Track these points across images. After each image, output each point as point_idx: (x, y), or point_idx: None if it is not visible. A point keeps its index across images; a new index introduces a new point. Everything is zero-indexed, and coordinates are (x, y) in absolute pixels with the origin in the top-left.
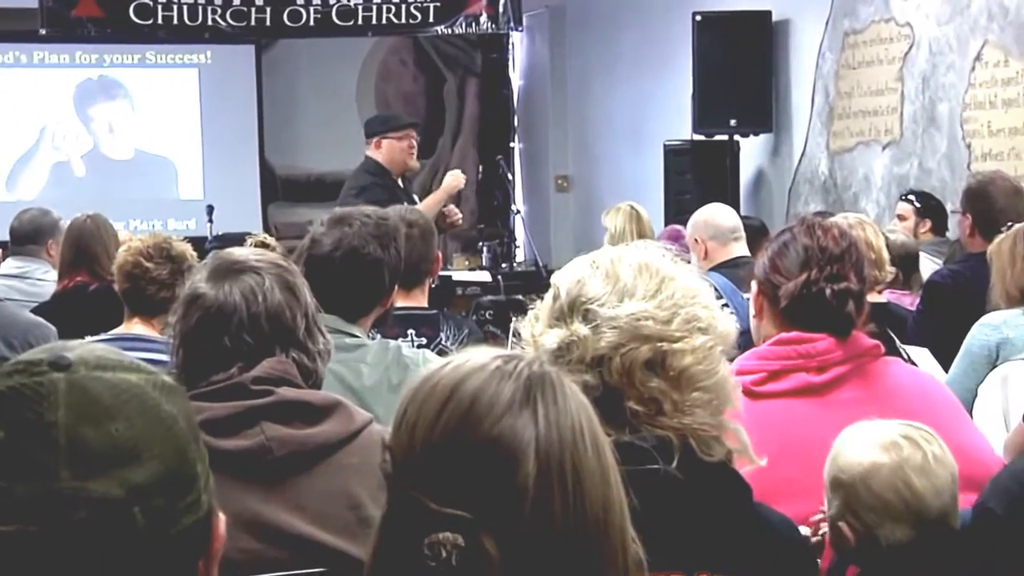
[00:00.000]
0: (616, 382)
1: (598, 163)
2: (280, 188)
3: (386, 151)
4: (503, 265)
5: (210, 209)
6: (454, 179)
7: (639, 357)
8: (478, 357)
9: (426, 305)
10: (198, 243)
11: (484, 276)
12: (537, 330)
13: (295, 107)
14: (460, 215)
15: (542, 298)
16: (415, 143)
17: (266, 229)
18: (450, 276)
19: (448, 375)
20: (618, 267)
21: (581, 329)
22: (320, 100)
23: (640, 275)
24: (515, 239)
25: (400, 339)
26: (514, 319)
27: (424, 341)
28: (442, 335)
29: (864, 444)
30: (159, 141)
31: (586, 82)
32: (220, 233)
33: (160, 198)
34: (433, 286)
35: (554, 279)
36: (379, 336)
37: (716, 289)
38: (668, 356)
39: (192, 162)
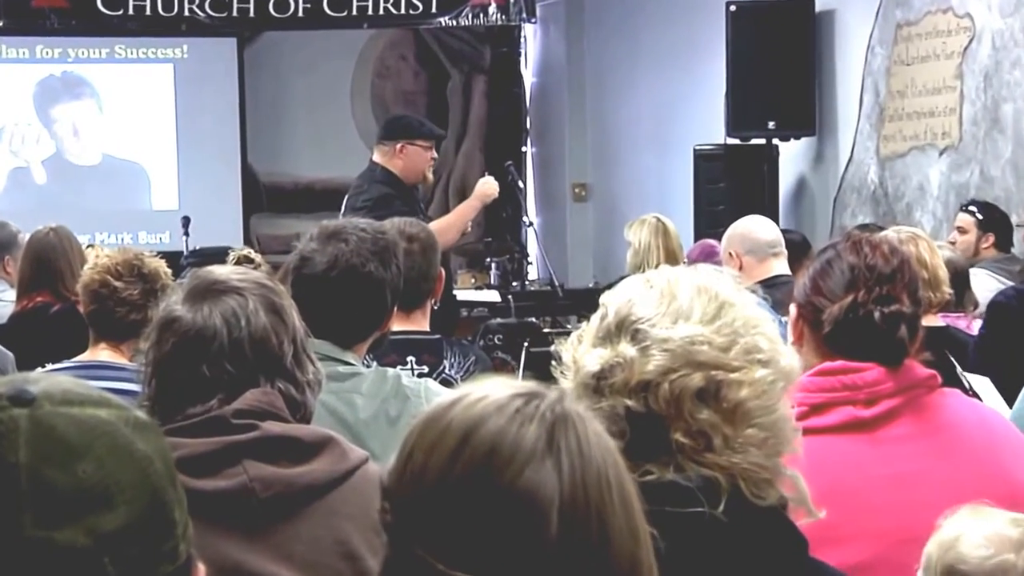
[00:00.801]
0: (662, 410)
1: (620, 170)
2: (264, 197)
3: (408, 159)
4: (514, 284)
5: (186, 221)
6: (487, 187)
7: (690, 385)
8: (494, 394)
9: (427, 329)
10: (173, 259)
11: (492, 296)
12: (580, 352)
13: (281, 107)
14: (468, 226)
15: (587, 319)
16: (435, 156)
17: (248, 242)
18: (454, 296)
19: (462, 416)
20: (675, 287)
21: (628, 350)
22: (309, 100)
23: (698, 297)
24: (527, 254)
25: (399, 367)
26: (527, 343)
27: (426, 369)
28: (446, 363)
29: (990, 538)
30: (129, 145)
31: (607, 80)
32: (197, 248)
33: (130, 208)
34: (435, 308)
35: (603, 298)
36: (375, 364)
37: None
38: (723, 387)
39: (166, 168)
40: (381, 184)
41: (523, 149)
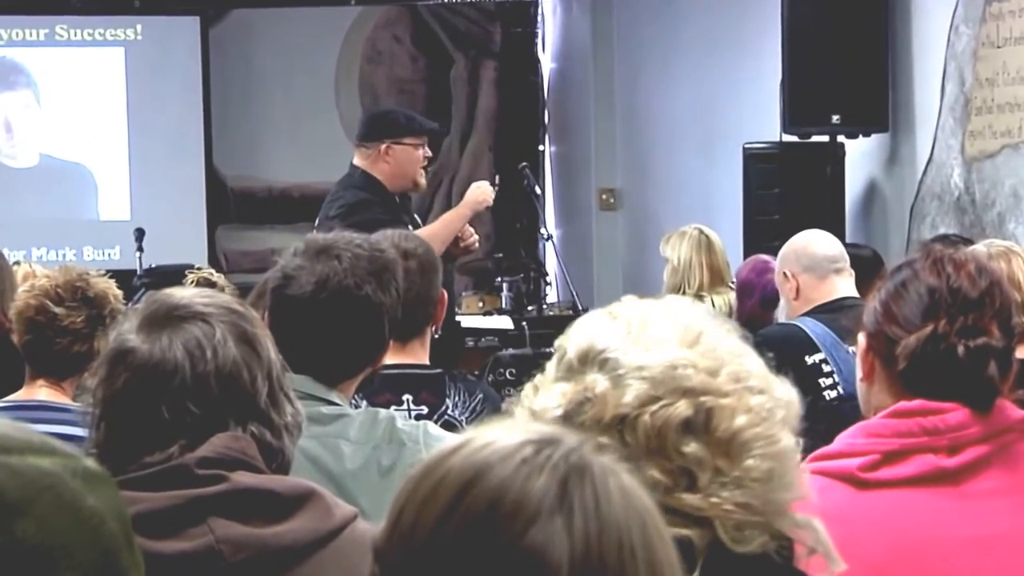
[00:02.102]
0: (640, 447)
1: (656, 173)
2: (232, 206)
3: (395, 162)
4: (529, 308)
5: (139, 233)
6: (480, 192)
7: (676, 415)
8: (502, 440)
9: (427, 362)
10: (124, 279)
11: (504, 322)
12: (537, 403)
13: (253, 99)
14: (476, 238)
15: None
16: (428, 155)
17: (213, 259)
18: (458, 322)
19: (462, 465)
20: (643, 317)
21: (599, 381)
22: (286, 90)
23: (672, 325)
24: (545, 273)
25: (393, 407)
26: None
27: (425, 410)
28: (448, 402)
29: None
30: (72, 143)
31: (640, 66)
32: (153, 265)
33: (73, 218)
34: (436, 336)
35: (558, 341)
36: (365, 404)
37: (812, 339)
38: (715, 414)
39: (116, 171)
40: (358, 189)
41: (540, 148)
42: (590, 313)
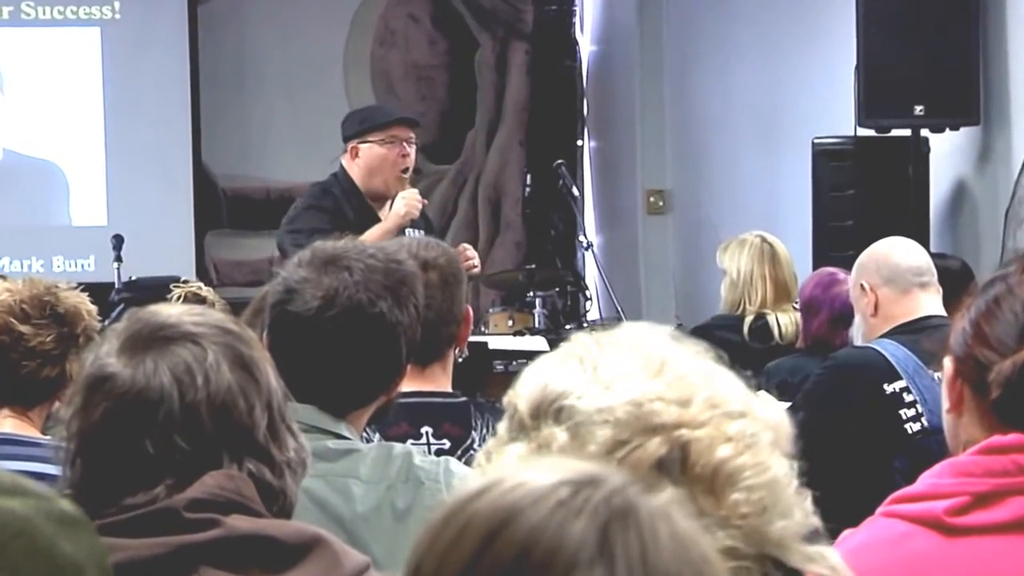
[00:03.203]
0: None
1: (711, 172)
2: (224, 209)
3: (364, 161)
4: (567, 327)
5: (118, 241)
6: (407, 203)
7: (647, 456)
8: (536, 479)
9: (449, 389)
10: (100, 293)
11: (537, 344)
12: (490, 469)
13: (249, 88)
14: (476, 258)
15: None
16: (411, 152)
17: (202, 270)
18: (485, 343)
19: (489, 508)
20: (597, 352)
21: (556, 435)
22: (287, 78)
23: (632, 356)
24: (584, 287)
25: (410, 441)
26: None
27: (447, 444)
28: (474, 435)
29: None
30: (40, 138)
31: (694, 48)
32: (133, 278)
33: (41, 224)
34: (460, 360)
35: (506, 399)
36: (377, 436)
37: (892, 364)
38: (691, 448)
39: (90, 170)
40: (318, 193)
41: (578, 143)
42: (538, 359)
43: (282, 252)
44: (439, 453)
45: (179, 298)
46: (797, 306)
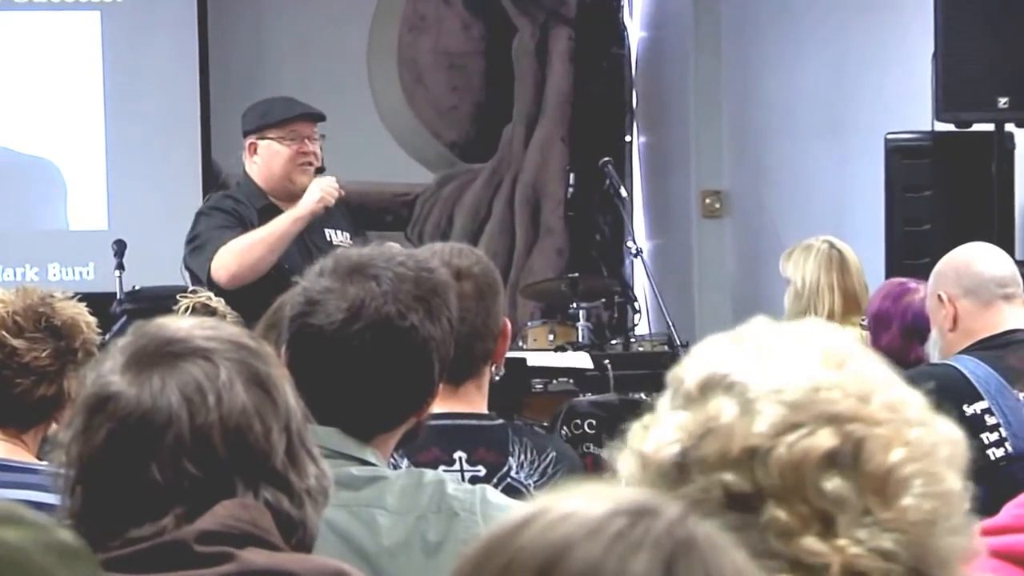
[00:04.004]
0: (773, 485)
1: (773, 171)
2: None
3: (262, 159)
4: (613, 342)
5: (119, 247)
6: (322, 188)
7: (818, 446)
8: (586, 510)
9: (485, 411)
10: (100, 304)
11: (581, 360)
12: (648, 443)
13: (263, 78)
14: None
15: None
16: (314, 151)
17: (211, 279)
18: (523, 360)
19: (534, 542)
20: (774, 340)
21: (724, 407)
22: (305, 66)
23: (810, 348)
24: (633, 298)
25: (442, 467)
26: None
27: (482, 471)
28: (511, 461)
29: None
30: (35, 133)
31: (755, 35)
32: (137, 287)
33: (36, 228)
34: (496, 378)
35: (671, 374)
36: (406, 463)
37: (972, 383)
38: (866, 445)
39: (90, 168)
40: (220, 199)
41: (626, 139)
42: (708, 339)
43: (192, 275)
44: (473, 481)
45: (187, 309)
46: (864, 323)
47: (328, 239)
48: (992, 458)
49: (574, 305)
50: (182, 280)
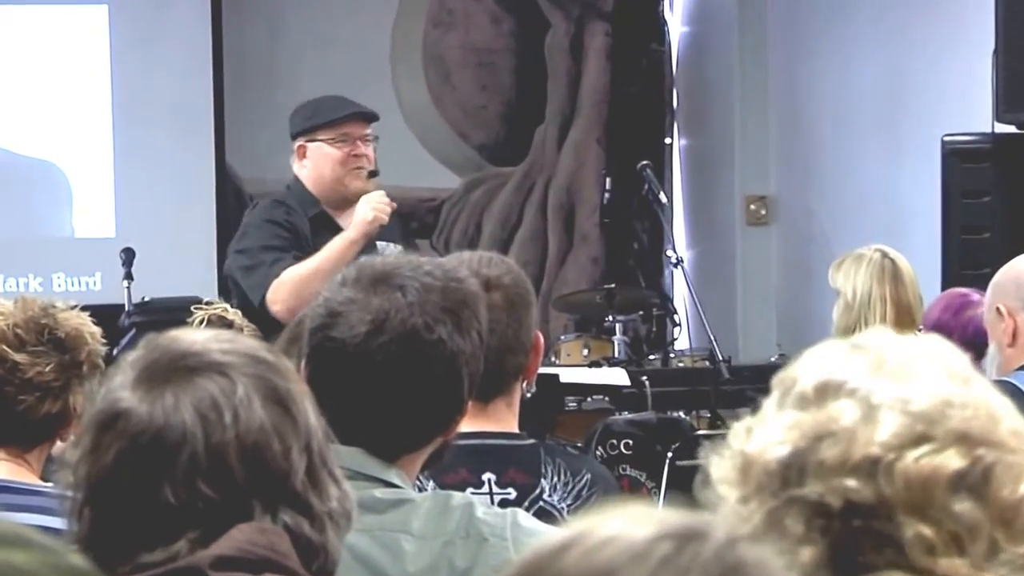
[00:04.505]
0: (899, 498)
1: (822, 176)
2: None
3: (312, 163)
4: (651, 357)
5: (128, 255)
6: (373, 207)
7: (945, 465)
8: (626, 533)
9: (515, 430)
10: (107, 316)
11: (617, 376)
12: (753, 443)
13: (280, 76)
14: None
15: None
16: (367, 153)
17: (224, 290)
18: (556, 376)
19: (576, 567)
20: (895, 349)
21: (846, 410)
22: (326, 65)
23: (934, 363)
24: (673, 310)
25: (470, 490)
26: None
27: (512, 494)
28: (544, 483)
29: None
30: (39, 135)
31: (804, 32)
32: (146, 299)
33: (39, 235)
34: (528, 395)
35: (779, 377)
36: (432, 484)
37: None
38: (996, 472)
39: (97, 172)
40: (271, 205)
41: (666, 142)
42: (820, 346)
43: (232, 282)
44: (503, 504)
45: (202, 322)
46: (922, 332)
47: (381, 252)
48: None
49: (610, 318)
50: (194, 291)
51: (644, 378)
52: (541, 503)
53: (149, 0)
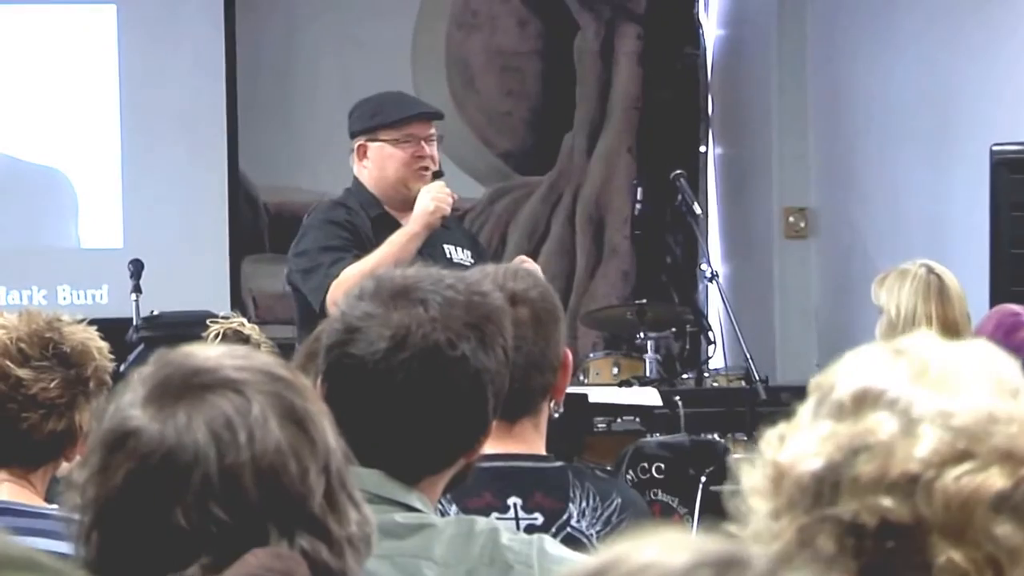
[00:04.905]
0: (938, 519)
1: (864, 186)
2: (266, 229)
3: (373, 164)
4: (684, 376)
5: (136, 267)
6: (434, 197)
7: (988, 485)
8: (661, 560)
9: (542, 452)
10: (115, 330)
11: (649, 397)
12: (786, 452)
13: (296, 81)
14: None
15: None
16: (432, 154)
17: (238, 302)
18: (584, 396)
19: None
20: (939, 356)
21: (883, 422)
22: (343, 68)
23: (977, 371)
24: (707, 327)
25: (495, 515)
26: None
27: (539, 519)
28: (572, 508)
29: None
30: (44, 140)
31: (845, 36)
32: (155, 312)
33: (44, 245)
34: (556, 415)
35: (817, 380)
36: (455, 509)
37: None
38: None
39: (104, 179)
40: (333, 207)
41: (701, 150)
42: (860, 350)
43: (292, 286)
44: (530, 530)
45: (217, 336)
46: None
47: (448, 256)
48: None
49: (641, 335)
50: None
51: (677, 398)
52: (569, 529)
53: (160, 2)
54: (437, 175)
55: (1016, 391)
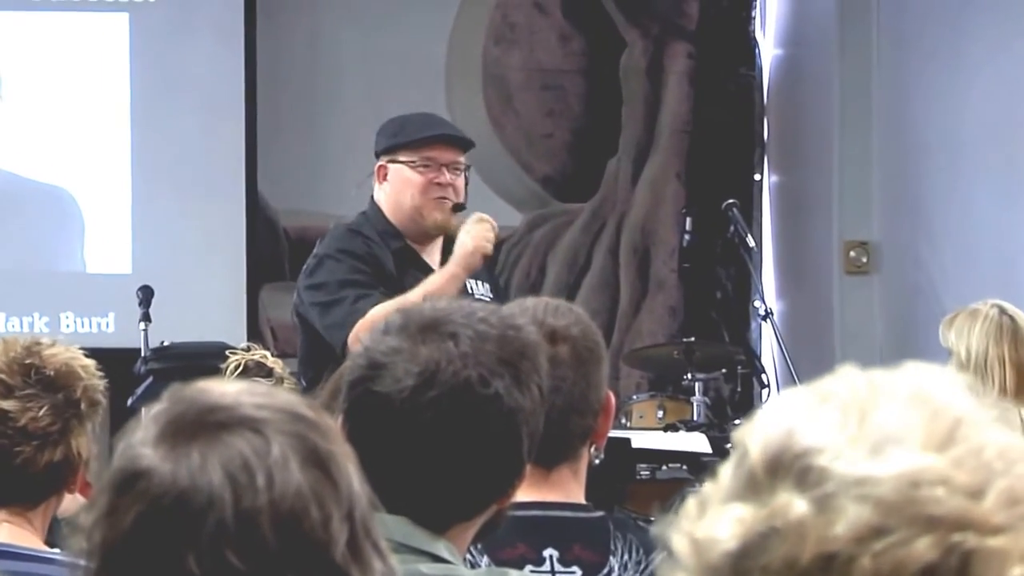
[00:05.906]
0: None
1: (931, 220)
2: (286, 254)
3: (391, 187)
4: (735, 420)
5: (146, 294)
6: (475, 236)
7: (912, 559)
8: None
9: (582, 500)
10: (122, 361)
11: (696, 442)
12: (701, 529)
13: (321, 96)
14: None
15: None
16: (452, 183)
17: (255, 333)
18: (627, 440)
19: None
20: (869, 398)
21: (793, 504)
22: (371, 85)
23: (915, 410)
24: (761, 368)
25: (529, 567)
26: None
27: (577, 573)
28: (613, 561)
29: None
30: (49, 156)
31: (913, 56)
32: (165, 343)
33: (47, 269)
34: (596, 461)
35: (737, 434)
36: (486, 560)
37: None
38: (975, 562)
39: (113, 200)
40: (346, 233)
41: (756, 178)
42: (786, 392)
43: (300, 318)
44: None
45: (237, 367)
46: None
47: (469, 290)
48: None
49: (688, 376)
50: (220, 335)
51: (727, 445)
52: None
53: (174, 6)
54: (458, 207)
55: (949, 435)
